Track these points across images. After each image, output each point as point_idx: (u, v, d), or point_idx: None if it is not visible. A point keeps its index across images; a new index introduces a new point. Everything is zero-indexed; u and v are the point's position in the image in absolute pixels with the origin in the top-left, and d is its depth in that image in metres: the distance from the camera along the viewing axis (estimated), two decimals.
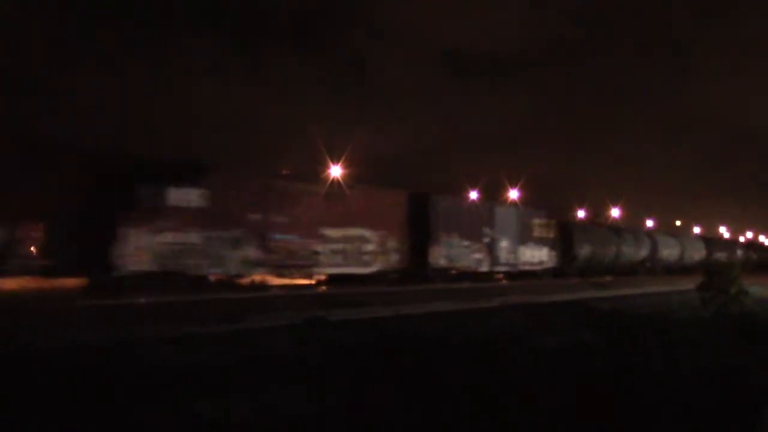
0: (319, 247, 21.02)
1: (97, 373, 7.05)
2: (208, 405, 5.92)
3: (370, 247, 22.82)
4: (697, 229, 69.12)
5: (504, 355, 8.95)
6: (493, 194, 44.36)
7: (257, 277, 19.69)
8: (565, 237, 33.05)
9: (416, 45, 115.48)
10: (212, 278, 18.37)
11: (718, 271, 16.94)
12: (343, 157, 27.29)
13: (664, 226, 62.72)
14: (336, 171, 25.73)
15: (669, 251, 43.86)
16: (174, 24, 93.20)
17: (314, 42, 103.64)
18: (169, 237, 17.09)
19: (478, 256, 27.36)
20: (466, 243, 26.68)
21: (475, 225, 27.40)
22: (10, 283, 15.08)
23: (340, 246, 21.73)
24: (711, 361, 8.52)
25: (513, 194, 45.80)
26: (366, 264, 22.71)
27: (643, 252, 40.75)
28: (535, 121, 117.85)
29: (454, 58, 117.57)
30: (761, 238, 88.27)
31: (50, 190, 15.65)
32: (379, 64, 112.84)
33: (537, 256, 30.83)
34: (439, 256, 25.42)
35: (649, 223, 63.87)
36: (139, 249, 16.47)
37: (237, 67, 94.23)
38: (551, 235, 31.79)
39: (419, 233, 24.75)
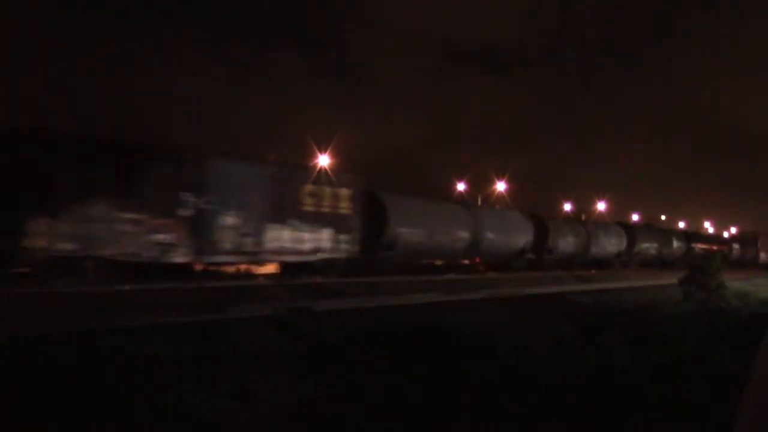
0: None
1: (80, 364, 6.93)
2: (194, 396, 5.89)
3: None
4: (682, 224, 65.34)
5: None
6: (481, 188, 45.81)
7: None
8: (374, 214, 21.55)
9: (411, 39, 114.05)
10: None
11: (700, 265, 17.66)
12: (330, 147, 26.75)
13: (649, 221, 57.89)
14: (324, 161, 24.00)
15: (566, 240, 33.09)
16: (160, 15, 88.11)
17: (307, 35, 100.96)
18: None
19: (162, 237, 14.87)
20: (129, 215, 14.25)
21: (160, 186, 15.07)
22: None
23: None
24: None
25: (500, 187, 46.54)
26: None
27: (523, 240, 29.48)
28: (527, 117, 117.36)
29: (451, 53, 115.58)
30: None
31: None
32: (373, 58, 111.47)
33: (310, 240, 18.51)
34: (52, 234, 12.93)
35: (635, 217, 60.08)
36: None
37: (228, 60, 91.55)
38: (343, 210, 19.75)
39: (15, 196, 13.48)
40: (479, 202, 44.70)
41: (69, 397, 5.67)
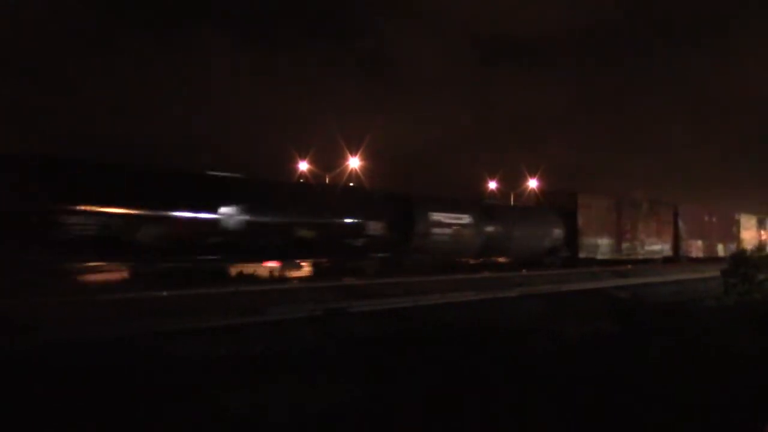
0: None
1: (120, 368, 7.19)
2: (232, 398, 5.98)
3: None
4: None
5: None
6: (513, 184, 46.85)
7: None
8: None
9: (448, 31, 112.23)
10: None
11: (745, 257, 17.34)
12: (361, 149, 27.22)
13: None
14: (354, 163, 25.65)
15: (447, 232, 21.74)
16: (189, 11, 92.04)
17: (340, 30, 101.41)
18: None
19: None
20: None
21: None
22: None
23: None
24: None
25: (532, 183, 46.04)
26: None
27: (364, 231, 19.35)
28: (569, 108, 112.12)
29: (490, 45, 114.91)
30: None
31: None
32: (408, 53, 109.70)
33: None
34: None
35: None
36: None
37: (258, 57, 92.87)
38: None
39: None
40: (511, 200, 44.01)
41: (111, 398, 5.85)
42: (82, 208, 13.07)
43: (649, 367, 7.40)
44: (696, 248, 36.96)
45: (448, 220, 21.66)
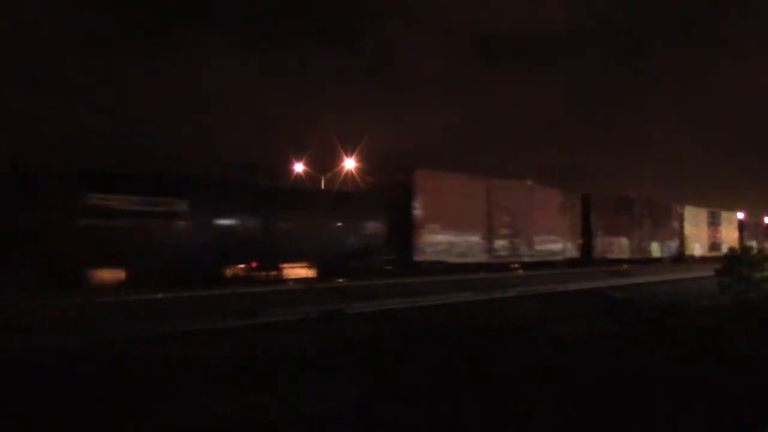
0: None
1: (115, 370, 7.15)
2: (227, 401, 5.93)
3: None
4: None
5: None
6: None
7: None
8: None
9: (448, 31, 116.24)
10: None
11: (741, 256, 16.70)
12: (358, 150, 25.52)
13: None
14: (349, 164, 23.14)
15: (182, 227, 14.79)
16: (190, 13, 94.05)
17: (339, 31, 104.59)
18: None
19: None
20: None
21: None
22: None
23: None
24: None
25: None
26: None
27: None
28: (568, 108, 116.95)
29: (490, 45, 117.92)
30: None
31: None
32: (408, 53, 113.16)
33: None
34: None
35: None
36: None
37: (257, 58, 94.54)
38: None
39: None
40: None
41: (107, 401, 5.80)
42: None
43: (645, 366, 7.37)
44: (618, 248, 30.22)
45: (135, 207, 13.80)
